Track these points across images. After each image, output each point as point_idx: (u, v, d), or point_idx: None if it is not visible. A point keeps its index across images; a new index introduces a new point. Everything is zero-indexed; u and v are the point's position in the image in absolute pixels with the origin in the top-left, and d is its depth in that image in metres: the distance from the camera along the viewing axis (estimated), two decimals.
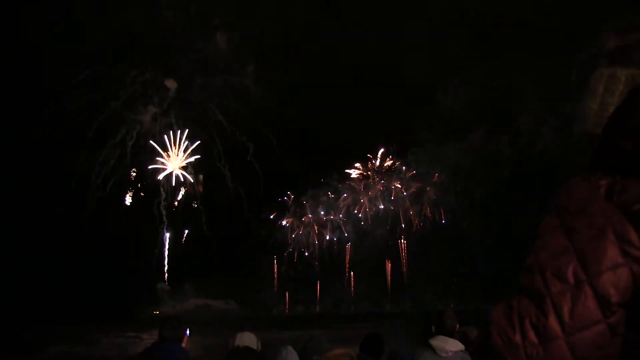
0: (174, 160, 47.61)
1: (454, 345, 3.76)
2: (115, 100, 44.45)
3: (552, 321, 0.85)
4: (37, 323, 29.34)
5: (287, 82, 41.69)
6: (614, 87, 1.01)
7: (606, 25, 1.07)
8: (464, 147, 42.01)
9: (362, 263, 47.97)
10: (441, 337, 3.79)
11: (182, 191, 47.92)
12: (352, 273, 48.55)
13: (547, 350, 0.84)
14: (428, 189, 46.62)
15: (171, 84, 46.36)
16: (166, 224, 47.42)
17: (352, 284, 47.97)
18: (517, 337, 0.86)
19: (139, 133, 46.14)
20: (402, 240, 48.22)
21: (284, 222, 48.92)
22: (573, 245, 0.89)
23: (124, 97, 44.88)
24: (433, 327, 3.92)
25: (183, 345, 4.08)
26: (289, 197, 48.87)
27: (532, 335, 0.85)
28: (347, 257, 48.67)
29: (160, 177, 47.22)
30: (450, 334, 3.84)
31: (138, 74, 44.97)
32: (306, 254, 48.76)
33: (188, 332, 4.22)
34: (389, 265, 48.42)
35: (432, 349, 3.75)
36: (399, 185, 47.85)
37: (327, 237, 48.97)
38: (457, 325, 3.97)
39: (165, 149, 47.16)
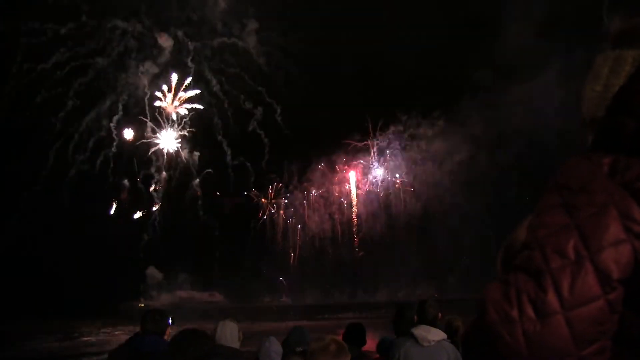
0: (168, 133, 42.67)
1: (436, 335, 3.78)
2: (103, 58, 38.91)
3: (551, 296, 0.84)
4: (14, 317, 28.49)
5: (295, 42, 37.92)
6: (620, 69, 1.02)
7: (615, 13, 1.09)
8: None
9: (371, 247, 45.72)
10: (423, 327, 3.81)
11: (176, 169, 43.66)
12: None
13: (545, 325, 0.83)
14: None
15: (165, 41, 40.96)
16: (158, 206, 43.46)
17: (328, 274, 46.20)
18: (514, 313, 0.85)
19: (129, 98, 40.79)
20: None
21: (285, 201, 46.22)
22: (574, 222, 0.89)
23: (113, 54, 39.13)
24: (415, 317, 3.94)
25: (165, 337, 4.05)
26: (293, 173, 46.30)
27: (529, 311, 0.84)
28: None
29: (152, 153, 42.59)
30: (433, 323, 3.87)
31: (129, 28, 39.13)
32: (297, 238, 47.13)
33: (171, 321, 4.18)
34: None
35: (415, 339, 3.77)
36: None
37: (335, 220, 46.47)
38: (440, 314, 4.00)
39: (157, 120, 42.50)
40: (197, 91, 42.16)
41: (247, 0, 40.47)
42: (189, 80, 42.24)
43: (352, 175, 47.43)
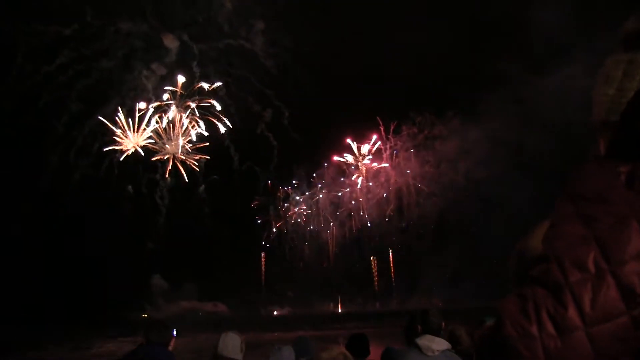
0: (173, 140, 41.99)
1: (440, 344, 3.76)
2: (107, 60, 37.89)
3: (572, 312, 0.81)
4: (17, 324, 28.27)
5: (303, 42, 37.04)
6: (635, 72, 0.99)
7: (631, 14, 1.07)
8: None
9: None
10: (427, 336, 3.80)
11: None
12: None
13: (566, 342, 0.80)
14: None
15: (171, 42, 39.73)
16: (164, 213, 42.71)
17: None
18: (534, 329, 0.82)
19: (133, 102, 39.69)
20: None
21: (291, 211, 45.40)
22: (593, 233, 0.85)
23: (118, 56, 37.99)
24: (419, 326, 3.92)
25: (170, 348, 4.05)
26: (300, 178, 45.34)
27: (549, 327, 0.81)
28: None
29: (157, 158, 41.83)
30: (437, 332, 3.85)
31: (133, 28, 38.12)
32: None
33: (175, 333, 4.19)
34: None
35: (418, 348, 3.76)
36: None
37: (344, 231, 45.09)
38: (443, 324, 3.98)
39: (162, 124, 41.39)
40: (218, 107, 41.56)
41: (254, 0, 39.84)
42: (201, 85, 41.76)
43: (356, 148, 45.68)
